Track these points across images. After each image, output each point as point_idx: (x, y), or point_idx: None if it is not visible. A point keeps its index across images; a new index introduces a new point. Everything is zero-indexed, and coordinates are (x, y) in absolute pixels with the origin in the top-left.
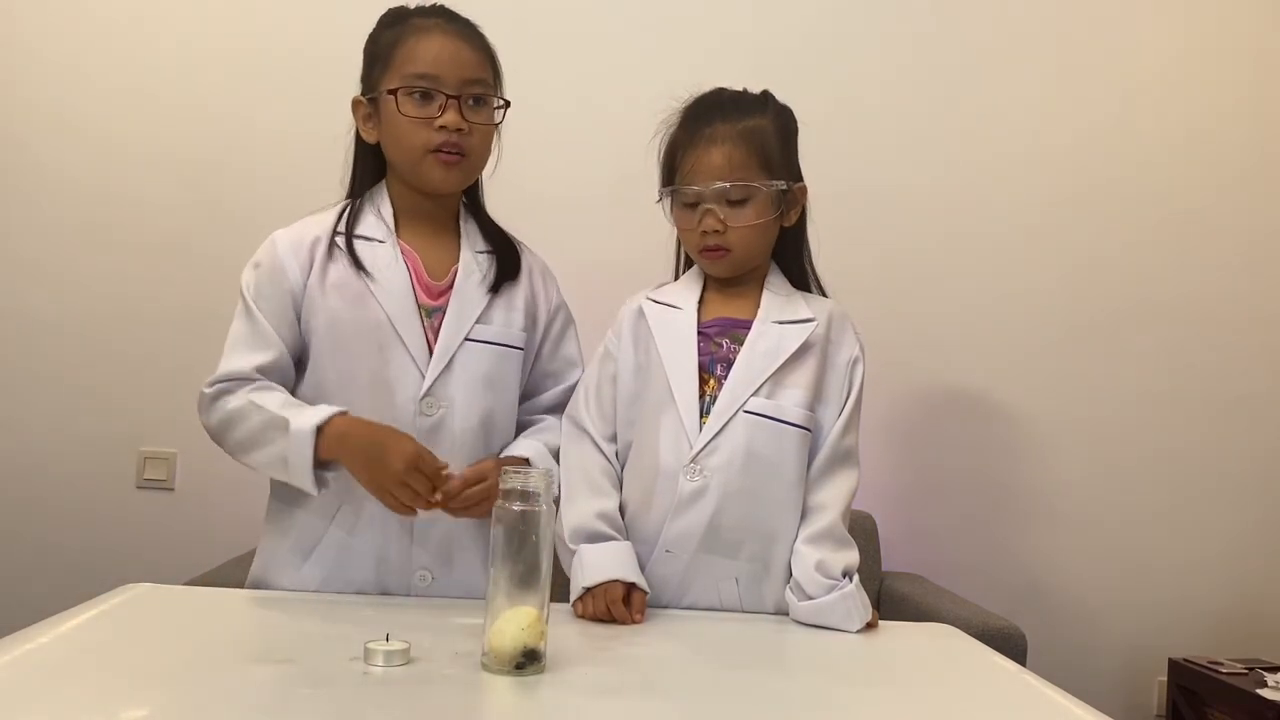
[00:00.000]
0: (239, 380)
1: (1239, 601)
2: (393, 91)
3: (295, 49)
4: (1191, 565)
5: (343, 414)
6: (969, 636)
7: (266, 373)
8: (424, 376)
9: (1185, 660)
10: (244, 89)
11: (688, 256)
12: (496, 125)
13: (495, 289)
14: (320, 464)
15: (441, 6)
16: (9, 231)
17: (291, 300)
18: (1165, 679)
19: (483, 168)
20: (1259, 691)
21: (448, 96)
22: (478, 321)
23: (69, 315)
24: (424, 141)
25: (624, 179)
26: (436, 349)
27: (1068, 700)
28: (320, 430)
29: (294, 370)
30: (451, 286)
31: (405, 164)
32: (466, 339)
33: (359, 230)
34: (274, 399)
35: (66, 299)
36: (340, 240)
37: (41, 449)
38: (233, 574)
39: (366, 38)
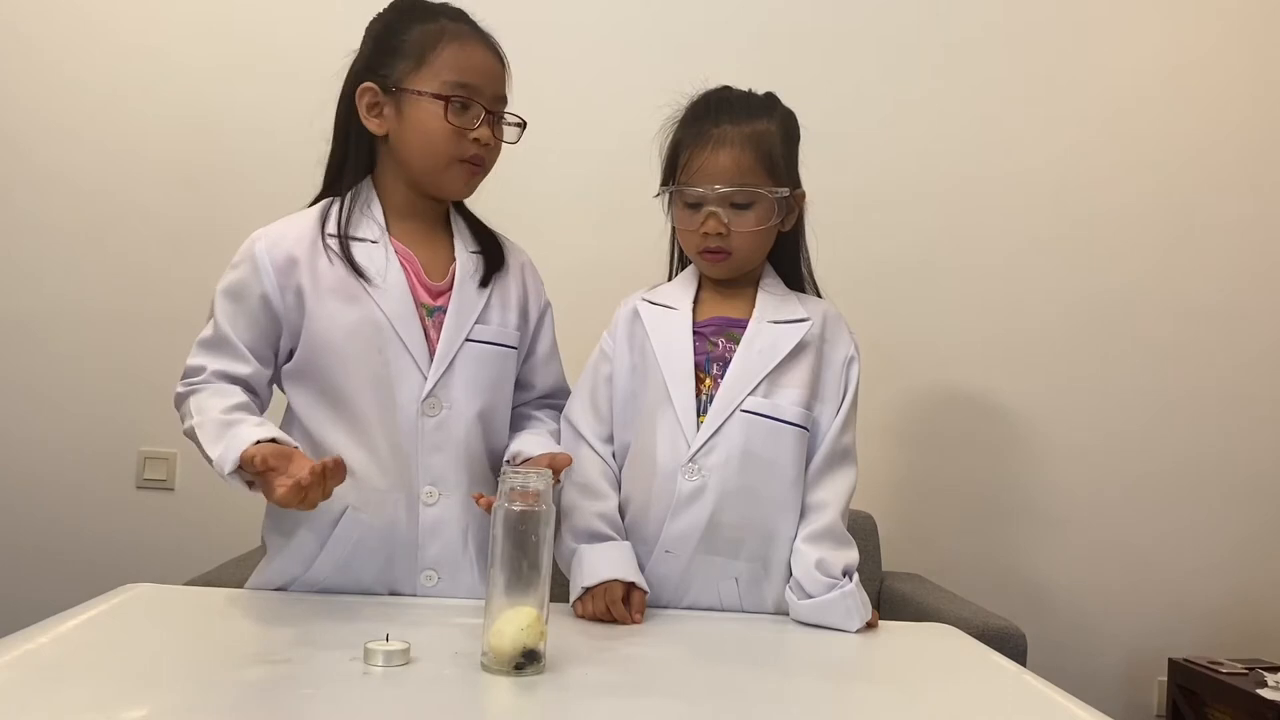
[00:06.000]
0: (194, 381)
1: (1239, 601)
2: (440, 97)
3: (294, 52)
4: (1191, 565)
5: (256, 444)
6: (969, 636)
7: (221, 379)
8: (425, 377)
9: (1185, 660)
10: (242, 92)
11: (682, 256)
12: (513, 143)
13: (485, 284)
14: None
15: (459, 9)
16: (8, 233)
17: (263, 305)
18: (1165, 679)
19: None
20: (1259, 691)
21: (485, 110)
22: (477, 322)
23: (69, 316)
24: (458, 151)
25: (619, 179)
26: (438, 350)
27: (1068, 700)
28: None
29: (266, 370)
30: (450, 286)
31: (426, 168)
32: (467, 339)
33: (350, 231)
34: (215, 408)
35: (66, 299)
36: (334, 242)
37: (41, 449)
38: (233, 574)
39: (378, 22)
